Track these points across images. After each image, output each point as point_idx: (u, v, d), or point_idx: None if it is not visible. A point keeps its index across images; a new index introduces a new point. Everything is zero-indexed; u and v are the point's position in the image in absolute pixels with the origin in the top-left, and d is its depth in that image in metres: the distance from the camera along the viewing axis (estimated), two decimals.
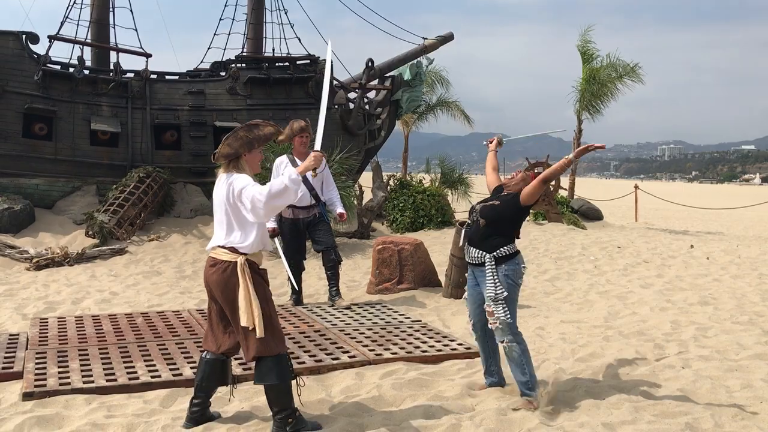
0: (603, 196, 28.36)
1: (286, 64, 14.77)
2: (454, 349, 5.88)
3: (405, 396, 4.78)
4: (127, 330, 6.45)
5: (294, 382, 4.16)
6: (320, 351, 5.79)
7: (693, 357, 5.72)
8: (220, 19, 16.01)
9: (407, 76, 16.25)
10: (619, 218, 22.96)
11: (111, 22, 14.33)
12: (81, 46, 13.65)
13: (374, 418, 4.35)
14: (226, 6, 16.03)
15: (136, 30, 14.17)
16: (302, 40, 15.72)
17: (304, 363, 5.42)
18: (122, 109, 13.36)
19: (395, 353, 5.73)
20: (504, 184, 4.98)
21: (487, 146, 5.43)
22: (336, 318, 7.09)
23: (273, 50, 15.77)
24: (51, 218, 12.43)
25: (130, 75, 13.62)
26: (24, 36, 12.75)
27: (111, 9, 14.35)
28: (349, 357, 5.62)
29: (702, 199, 44.64)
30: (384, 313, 7.34)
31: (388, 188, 14.47)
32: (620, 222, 20.30)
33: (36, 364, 5.32)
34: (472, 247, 4.80)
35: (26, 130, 12.70)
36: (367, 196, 14.54)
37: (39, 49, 13.00)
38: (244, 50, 15.59)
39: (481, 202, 4.98)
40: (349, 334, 6.37)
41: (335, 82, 15.06)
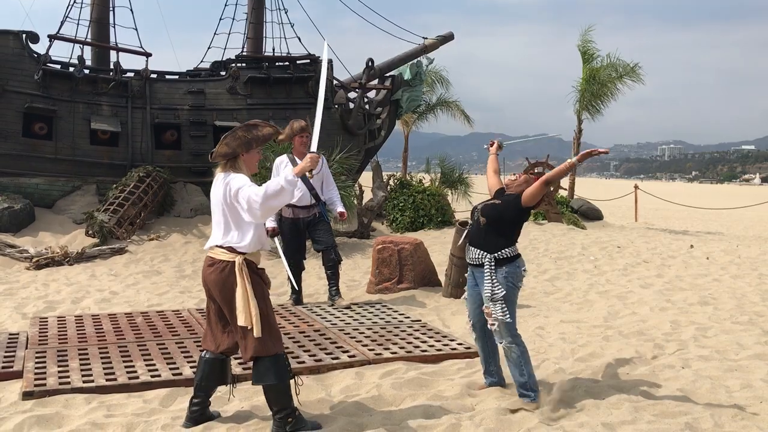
0: (603, 196, 28.36)
1: (287, 63, 14.77)
2: (454, 349, 5.88)
3: (405, 395, 4.78)
4: (126, 329, 6.45)
5: (292, 382, 4.16)
6: (320, 350, 5.79)
7: (693, 357, 5.72)
8: (221, 19, 16.03)
9: (407, 75, 16.26)
10: (619, 218, 22.96)
11: (111, 21, 14.33)
12: (81, 46, 13.64)
13: (374, 418, 4.35)
14: (226, 5, 16.05)
15: (136, 29, 14.18)
16: (302, 39, 15.74)
17: (303, 362, 5.42)
18: (122, 108, 13.36)
19: (395, 353, 5.73)
20: (506, 185, 4.97)
21: (488, 150, 5.44)
22: (336, 317, 7.09)
23: (273, 50, 15.78)
24: (51, 218, 12.43)
25: (131, 74, 13.62)
26: (24, 35, 12.74)
27: (111, 8, 14.34)
28: (349, 356, 5.62)
29: (702, 199, 44.64)
30: (384, 312, 7.34)
31: (388, 188, 14.47)
32: (620, 222, 20.30)
33: (36, 363, 5.32)
34: (472, 247, 4.78)
35: (26, 129, 12.70)
36: (367, 196, 14.54)
37: (39, 48, 13.02)
38: (245, 50, 15.58)
39: (483, 203, 4.98)
40: (348, 334, 6.37)
41: (335, 82, 15.07)
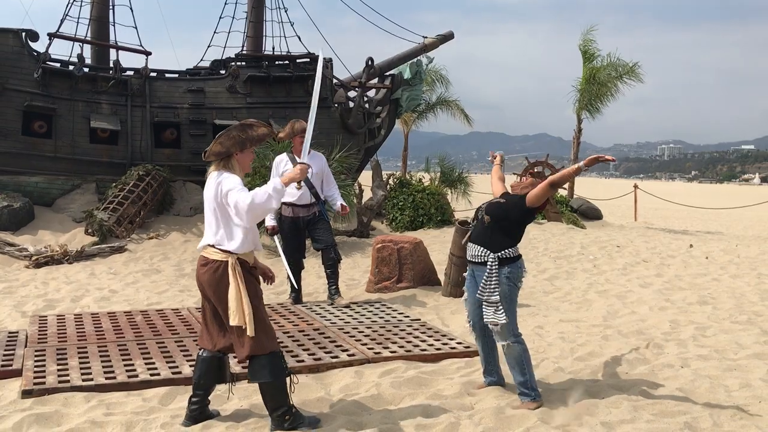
0: (602, 196, 28.38)
1: (286, 62, 14.77)
2: (453, 348, 5.88)
3: (404, 394, 4.78)
4: (126, 328, 6.45)
5: (288, 380, 4.15)
6: (319, 349, 5.79)
7: (692, 356, 5.72)
8: (220, 17, 16.05)
9: (407, 74, 16.25)
10: (619, 218, 22.96)
11: (111, 19, 14.34)
12: (81, 44, 13.65)
13: (373, 417, 4.35)
14: (226, 4, 16.08)
15: (136, 28, 14.20)
16: (302, 38, 15.76)
17: (303, 361, 5.42)
18: (122, 107, 13.35)
19: (394, 352, 5.73)
20: (512, 187, 4.96)
21: (491, 161, 5.47)
22: (335, 316, 7.09)
23: (273, 48, 15.80)
24: (50, 216, 12.43)
25: (130, 73, 13.62)
26: (24, 33, 12.73)
27: (111, 7, 14.35)
28: (348, 355, 5.62)
29: (701, 198, 44.65)
30: (383, 311, 7.34)
31: (388, 187, 14.47)
32: (619, 221, 20.30)
33: (35, 361, 5.32)
34: (474, 245, 4.73)
35: (26, 127, 12.70)
36: (367, 195, 14.54)
37: (39, 46, 13.02)
38: (244, 48, 15.59)
39: (488, 201, 4.96)
40: (348, 333, 6.37)
41: (335, 81, 15.06)
